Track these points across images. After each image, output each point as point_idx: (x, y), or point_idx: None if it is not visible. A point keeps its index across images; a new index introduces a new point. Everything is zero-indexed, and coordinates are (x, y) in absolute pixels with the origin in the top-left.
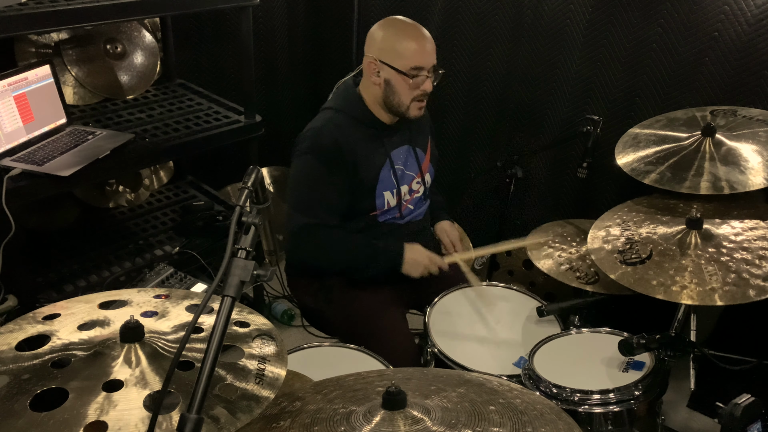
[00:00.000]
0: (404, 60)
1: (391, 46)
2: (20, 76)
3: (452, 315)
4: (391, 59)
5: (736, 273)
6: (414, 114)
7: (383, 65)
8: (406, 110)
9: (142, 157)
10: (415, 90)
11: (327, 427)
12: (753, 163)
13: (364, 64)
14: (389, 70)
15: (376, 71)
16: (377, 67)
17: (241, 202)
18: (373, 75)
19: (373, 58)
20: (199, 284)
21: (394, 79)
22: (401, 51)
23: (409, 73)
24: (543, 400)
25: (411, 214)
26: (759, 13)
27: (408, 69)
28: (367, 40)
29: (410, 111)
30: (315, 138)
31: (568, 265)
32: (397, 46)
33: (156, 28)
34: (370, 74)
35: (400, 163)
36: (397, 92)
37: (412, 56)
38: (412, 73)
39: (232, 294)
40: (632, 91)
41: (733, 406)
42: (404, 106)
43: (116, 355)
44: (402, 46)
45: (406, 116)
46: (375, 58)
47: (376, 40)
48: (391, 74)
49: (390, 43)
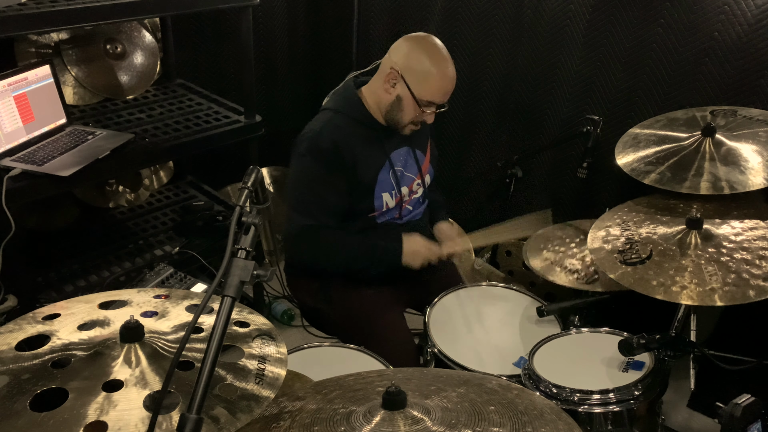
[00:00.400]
0: (424, 90)
1: (419, 70)
2: (20, 76)
3: (452, 315)
4: (413, 82)
5: (736, 273)
6: (406, 133)
7: (402, 81)
8: (401, 128)
9: (142, 157)
10: (417, 116)
11: (327, 427)
12: (753, 163)
13: (383, 68)
14: (406, 90)
15: (393, 82)
16: (397, 80)
17: (241, 202)
18: (388, 83)
19: (397, 71)
20: (199, 284)
21: (406, 99)
22: (426, 80)
23: (422, 102)
24: (543, 400)
25: (410, 214)
26: (759, 14)
27: (423, 99)
28: (397, 48)
29: (405, 130)
30: (314, 139)
31: (569, 264)
32: (424, 74)
33: (156, 28)
34: (386, 80)
35: (399, 164)
36: (402, 111)
37: (434, 92)
38: (425, 104)
39: (232, 294)
40: (632, 91)
41: (733, 406)
42: (401, 125)
43: (116, 355)
44: (429, 77)
45: (398, 130)
46: (398, 72)
47: (408, 55)
48: (405, 94)
49: (419, 67)
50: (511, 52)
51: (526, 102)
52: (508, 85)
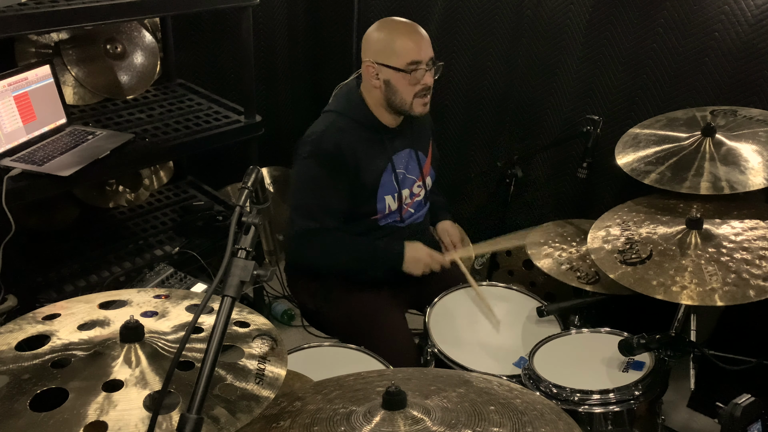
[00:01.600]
0: (400, 57)
1: (386, 46)
2: (20, 76)
3: (452, 315)
4: (387, 59)
5: (736, 273)
6: (419, 110)
7: (381, 66)
8: (409, 108)
9: (142, 157)
10: (415, 86)
11: (327, 427)
12: (753, 163)
13: (362, 69)
14: (387, 70)
15: (374, 74)
16: (375, 69)
17: (241, 202)
18: (372, 78)
19: (371, 62)
20: (199, 284)
21: (393, 78)
22: (396, 49)
23: (406, 68)
24: (543, 400)
25: (411, 217)
26: (759, 14)
27: (405, 65)
28: (363, 44)
29: (414, 108)
30: (318, 142)
31: (569, 265)
32: (391, 45)
33: (156, 28)
34: (369, 78)
35: (401, 167)
36: (398, 91)
37: (407, 52)
38: (410, 68)
39: (232, 294)
40: (632, 91)
41: (733, 406)
42: (407, 104)
43: (116, 355)
44: (396, 44)
45: (410, 114)
46: (372, 61)
47: (371, 42)
48: (389, 74)
49: (384, 44)
50: (511, 52)
51: (526, 102)
52: (508, 85)
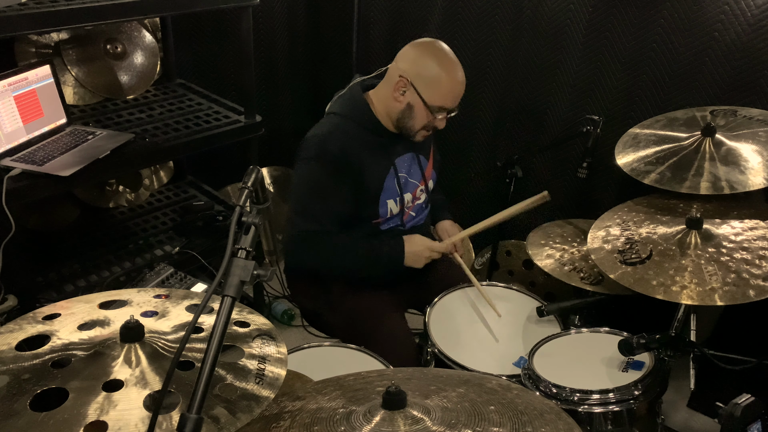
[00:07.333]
0: (435, 96)
1: (432, 80)
2: (20, 76)
3: (452, 315)
4: (425, 89)
5: (736, 273)
6: (419, 139)
7: (413, 89)
8: (413, 135)
9: (142, 157)
10: (428, 122)
11: (327, 427)
12: (753, 163)
13: (391, 76)
14: (417, 97)
15: (402, 90)
16: (406, 87)
17: (241, 202)
18: (398, 91)
19: (407, 79)
20: (199, 284)
21: (417, 106)
22: (436, 86)
23: (433, 108)
24: (543, 400)
25: (413, 220)
26: (759, 13)
27: (435, 105)
28: (404, 55)
29: (417, 136)
30: (322, 145)
31: (572, 265)
32: (437, 81)
33: (156, 28)
34: (395, 89)
35: (404, 171)
36: (414, 118)
37: (445, 97)
38: (436, 110)
39: (232, 294)
40: (632, 91)
41: (733, 406)
42: (413, 131)
43: (116, 355)
44: (442, 84)
45: (410, 137)
46: (408, 80)
47: (418, 64)
48: (416, 101)
49: (429, 73)
50: (511, 52)
51: (526, 102)
52: (508, 85)
